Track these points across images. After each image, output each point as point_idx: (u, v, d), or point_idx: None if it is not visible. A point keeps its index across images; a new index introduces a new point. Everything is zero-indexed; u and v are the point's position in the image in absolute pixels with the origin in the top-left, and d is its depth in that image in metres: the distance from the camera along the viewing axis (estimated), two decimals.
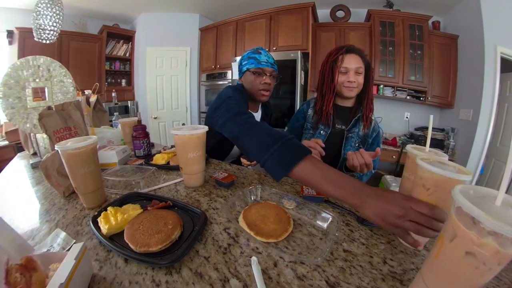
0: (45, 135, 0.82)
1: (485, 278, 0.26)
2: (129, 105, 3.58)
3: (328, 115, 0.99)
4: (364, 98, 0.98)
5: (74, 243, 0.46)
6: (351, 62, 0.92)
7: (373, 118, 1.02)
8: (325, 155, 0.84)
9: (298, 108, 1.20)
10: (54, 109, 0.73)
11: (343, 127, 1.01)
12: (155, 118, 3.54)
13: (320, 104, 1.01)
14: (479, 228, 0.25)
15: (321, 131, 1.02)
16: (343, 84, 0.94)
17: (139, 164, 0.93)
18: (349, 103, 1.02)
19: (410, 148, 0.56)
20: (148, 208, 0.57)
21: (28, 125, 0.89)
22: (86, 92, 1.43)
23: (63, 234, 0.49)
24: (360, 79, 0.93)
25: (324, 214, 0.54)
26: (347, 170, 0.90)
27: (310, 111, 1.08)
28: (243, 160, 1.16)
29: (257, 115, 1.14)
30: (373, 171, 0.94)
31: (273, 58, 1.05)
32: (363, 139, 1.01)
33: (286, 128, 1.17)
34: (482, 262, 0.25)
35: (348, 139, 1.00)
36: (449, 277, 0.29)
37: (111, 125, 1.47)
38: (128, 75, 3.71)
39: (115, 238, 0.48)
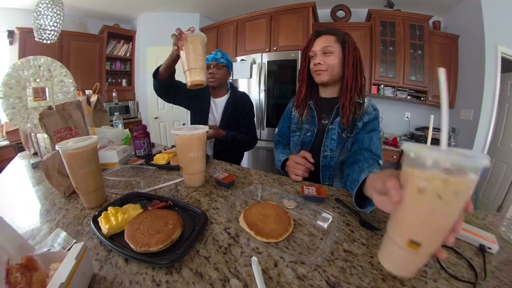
0: (45, 135, 0.83)
1: (448, 214, 0.26)
2: (129, 105, 3.56)
3: (304, 106, 0.92)
4: (342, 83, 0.84)
5: (75, 242, 0.46)
6: (318, 44, 0.85)
7: (366, 100, 0.85)
8: (315, 157, 0.81)
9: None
10: (54, 109, 0.73)
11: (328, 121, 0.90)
12: (155, 118, 3.54)
13: (296, 97, 0.96)
14: (420, 164, 0.26)
15: (307, 132, 0.93)
16: (313, 69, 0.87)
17: (140, 164, 0.93)
18: (333, 93, 0.90)
19: (406, 146, 0.54)
20: (149, 208, 0.57)
21: (28, 125, 0.89)
22: (87, 92, 1.43)
23: (63, 233, 0.49)
24: (330, 60, 0.82)
25: (324, 214, 0.54)
26: (361, 199, 0.57)
27: (294, 111, 1.01)
28: None
29: (220, 100, 1.30)
30: (380, 163, 0.80)
31: (222, 55, 1.25)
32: (352, 126, 0.85)
33: (276, 129, 1.12)
34: (436, 196, 0.25)
35: (329, 132, 0.88)
36: (412, 221, 0.28)
37: (112, 125, 1.47)
38: (129, 75, 3.71)
39: (116, 238, 0.48)
